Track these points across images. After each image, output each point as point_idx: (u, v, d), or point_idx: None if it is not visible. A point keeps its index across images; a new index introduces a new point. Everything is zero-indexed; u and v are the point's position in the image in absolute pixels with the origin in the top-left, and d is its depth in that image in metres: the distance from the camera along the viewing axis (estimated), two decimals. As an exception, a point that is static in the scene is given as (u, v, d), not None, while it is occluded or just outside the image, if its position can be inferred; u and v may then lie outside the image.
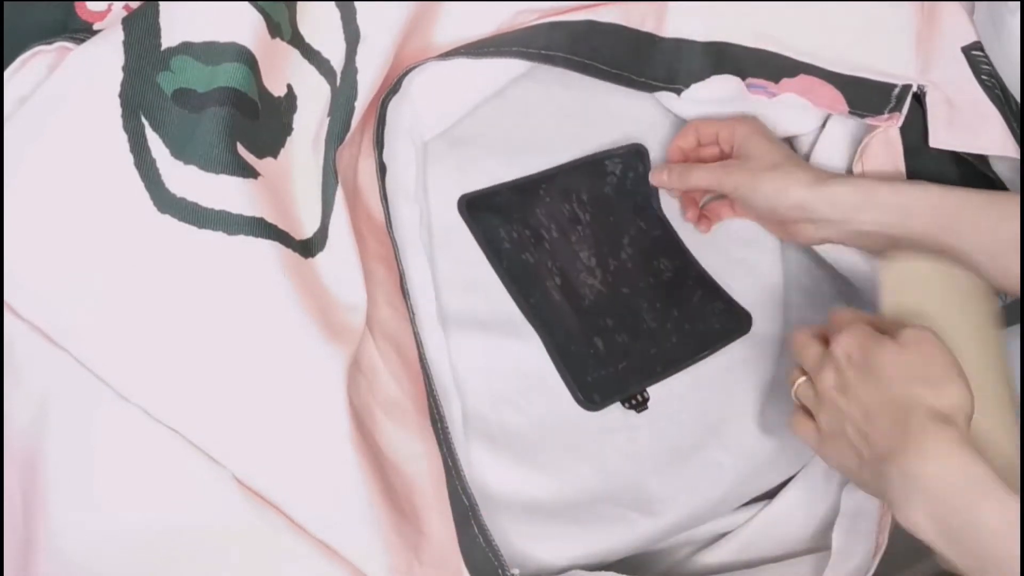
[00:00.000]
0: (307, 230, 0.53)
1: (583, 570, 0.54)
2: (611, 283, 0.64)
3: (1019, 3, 0.62)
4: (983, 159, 0.65)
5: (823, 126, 0.68)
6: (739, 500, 0.62)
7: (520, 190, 0.64)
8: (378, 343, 0.54)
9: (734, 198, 0.65)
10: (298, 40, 0.56)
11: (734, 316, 0.66)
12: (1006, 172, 0.65)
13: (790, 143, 0.70)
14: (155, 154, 0.48)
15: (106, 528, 0.44)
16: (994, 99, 0.65)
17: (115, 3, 0.54)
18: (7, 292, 0.46)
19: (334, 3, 0.57)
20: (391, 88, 0.59)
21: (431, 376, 0.54)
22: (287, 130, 0.54)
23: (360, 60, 0.56)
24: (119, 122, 0.48)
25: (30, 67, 0.50)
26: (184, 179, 0.48)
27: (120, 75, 0.49)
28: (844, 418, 0.50)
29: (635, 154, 0.68)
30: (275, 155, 0.52)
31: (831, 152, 0.67)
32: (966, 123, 0.64)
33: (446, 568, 0.49)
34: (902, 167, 0.65)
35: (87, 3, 0.54)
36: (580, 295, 0.62)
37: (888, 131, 0.65)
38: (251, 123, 0.50)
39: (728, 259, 0.69)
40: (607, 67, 0.63)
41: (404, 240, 0.58)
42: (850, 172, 0.66)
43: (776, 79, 0.65)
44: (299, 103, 0.55)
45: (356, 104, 0.56)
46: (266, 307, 0.48)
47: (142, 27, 0.50)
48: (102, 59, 0.49)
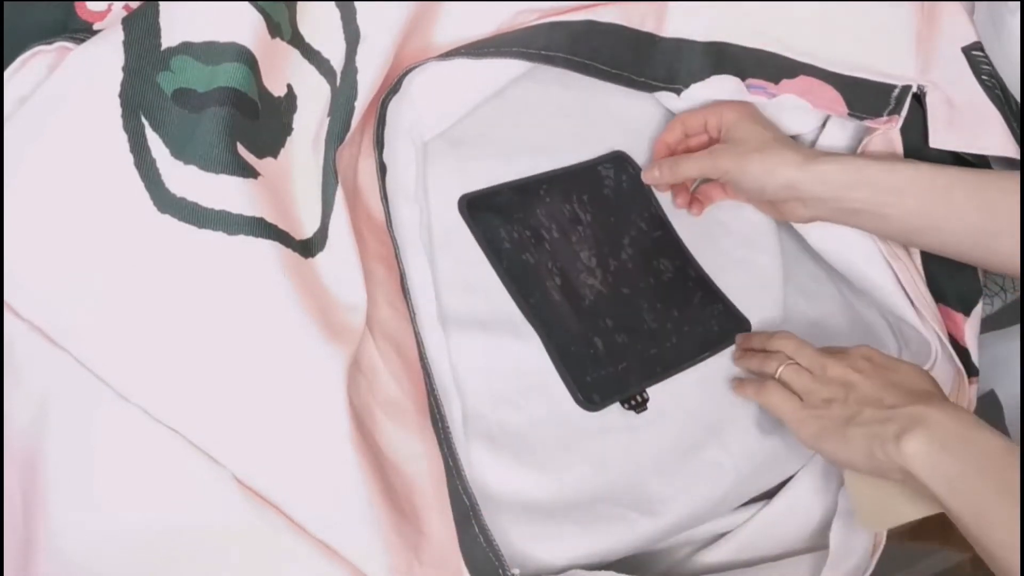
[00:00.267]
0: (307, 230, 0.53)
1: (583, 570, 0.54)
2: (611, 283, 0.64)
3: (1019, 3, 0.62)
4: (983, 159, 0.65)
5: (823, 126, 0.69)
6: (739, 500, 0.62)
7: (520, 190, 0.64)
8: (378, 343, 0.54)
9: (724, 181, 0.65)
10: (298, 40, 0.56)
11: (732, 318, 0.66)
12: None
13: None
14: (155, 154, 0.48)
15: (106, 528, 0.44)
16: (994, 99, 0.65)
17: (115, 3, 0.54)
18: (7, 292, 0.46)
19: (334, 3, 0.57)
20: (391, 88, 0.59)
21: (432, 376, 0.54)
22: (287, 130, 0.54)
23: (360, 60, 0.56)
24: (119, 122, 0.48)
25: (30, 67, 0.50)
26: (184, 179, 0.48)
27: (120, 75, 0.49)
28: (848, 392, 0.55)
29: (620, 160, 0.69)
30: (275, 155, 0.52)
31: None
32: (966, 123, 0.64)
33: (446, 568, 0.49)
34: (902, 167, 0.65)
35: (87, 3, 0.54)
36: (580, 295, 0.62)
37: (888, 131, 0.65)
38: (251, 123, 0.50)
39: (728, 259, 0.69)
40: (607, 67, 0.63)
41: (404, 240, 0.58)
42: None
43: (776, 80, 0.66)
44: (299, 103, 0.55)
45: (356, 104, 0.56)
46: (266, 307, 0.48)
47: (142, 27, 0.50)
48: (102, 59, 0.49)
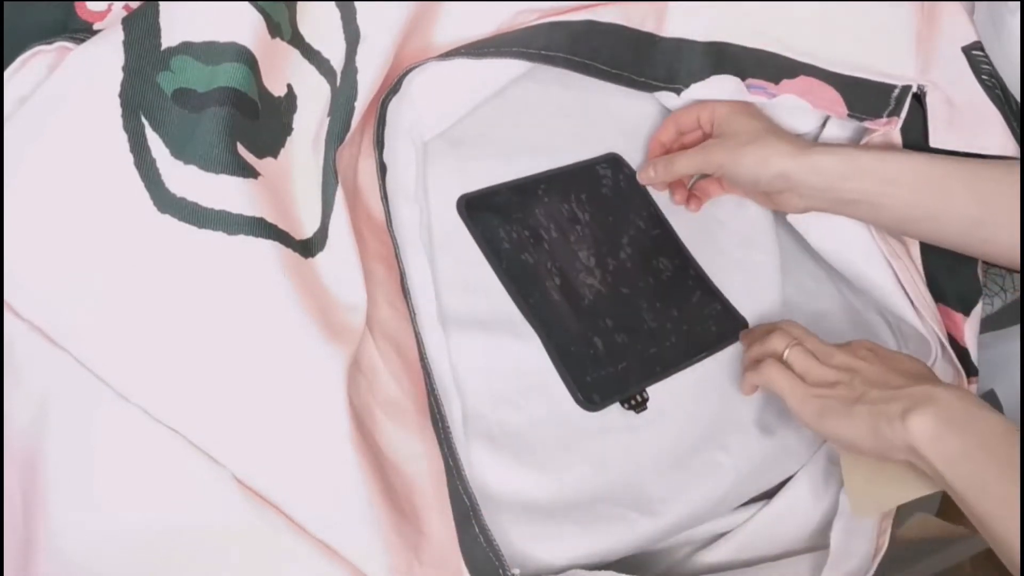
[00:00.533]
0: (307, 230, 0.53)
1: (583, 570, 0.54)
2: (611, 283, 0.64)
3: (1019, 3, 0.62)
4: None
5: (823, 125, 0.68)
6: (739, 500, 0.62)
7: (520, 190, 0.64)
8: (378, 343, 0.54)
9: (719, 176, 0.65)
10: (298, 40, 0.56)
11: (731, 318, 0.66)
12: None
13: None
14: (155, 154, 0.48)
15: (106, 528, 0.44)
16: (994, 99, 0.65)
17: (115, 3, 0.54)
18: (7, 292, 0.46)
19: (334, 3, 0.57)
20: (391, 88, 0.59)
21: (431, 376, 0.54)
22: (287, 130, 0.54)
23: (360, 60, 0.56)
24: (119, 122, 0.48)
25: (30, 67, 0.50)
26: (184, 179, 0.48)
27: (120, 75, 0.49)
28: (854, 376, 0.55)
29: (615, 161, 0.69)
30: (275, 155, 0.52)
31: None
32: (966, 123, 0.64)
33: (446, 568, 0.49)
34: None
35: (87, 3, 0.54)
36: (580, 295, 0.62)
37: (888, 132, 0.65)
38: (251, 123, 0.50)
39: (727, 258, 0.69)
40: (607, 67, 0.63)
41: (404, 240, 0.58)
42: None
43: (776, 80, 0.65)
44: (299, 103, 0.55)
45: (356, 104, 0.56)
46: (266, 307, 0.48)
47: (142, 27, 0.50)
48: (102, 59, 0.49)
